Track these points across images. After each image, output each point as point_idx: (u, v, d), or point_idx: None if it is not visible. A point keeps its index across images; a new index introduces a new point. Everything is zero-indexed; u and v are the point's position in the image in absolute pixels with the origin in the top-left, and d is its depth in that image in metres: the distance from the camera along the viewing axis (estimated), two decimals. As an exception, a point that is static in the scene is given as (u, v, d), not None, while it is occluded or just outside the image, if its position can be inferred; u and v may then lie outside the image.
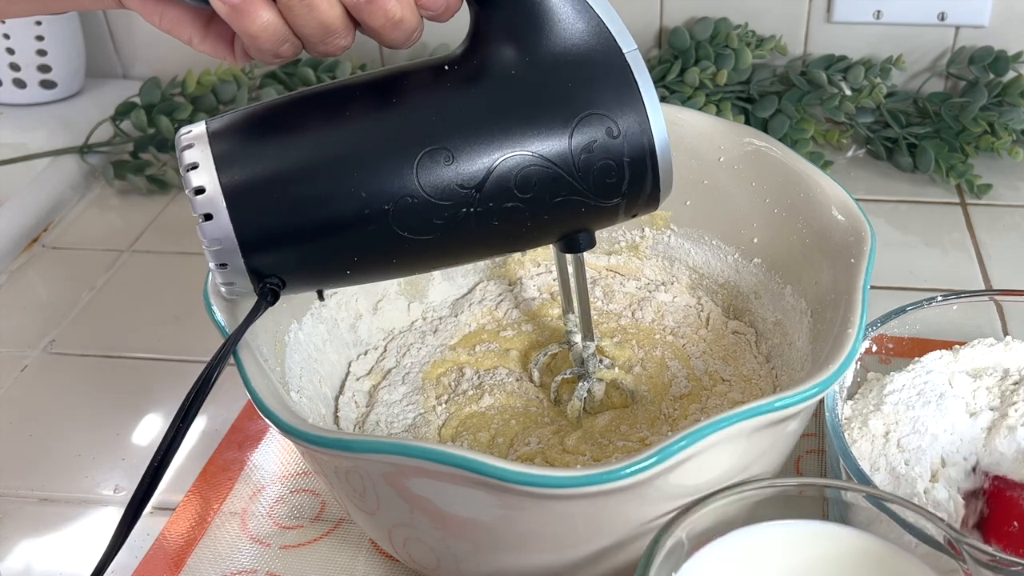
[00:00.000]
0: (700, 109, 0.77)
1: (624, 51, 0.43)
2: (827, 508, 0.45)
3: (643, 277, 0.62)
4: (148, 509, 0.57)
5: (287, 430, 0.42)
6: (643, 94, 0.43)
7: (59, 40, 0.95)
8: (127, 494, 0.58)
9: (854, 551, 0.41)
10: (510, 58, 0.43)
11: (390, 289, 0.61)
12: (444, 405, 0.55)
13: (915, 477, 0.47)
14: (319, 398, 0.54)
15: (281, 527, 0.55)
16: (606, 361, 0.56)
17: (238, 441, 0.60)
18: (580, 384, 0.54)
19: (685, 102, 0.82)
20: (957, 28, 0.86)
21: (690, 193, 0.59)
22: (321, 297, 0.50)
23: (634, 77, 0.43)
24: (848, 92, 0.83)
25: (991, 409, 0.50)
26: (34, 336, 0.71)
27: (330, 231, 0.42)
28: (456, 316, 0.61)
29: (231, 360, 0.44)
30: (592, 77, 0.43)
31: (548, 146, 0.42)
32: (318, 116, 0.43)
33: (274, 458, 0.59)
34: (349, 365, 0.58)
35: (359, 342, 0.59)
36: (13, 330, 0.72)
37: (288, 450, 0.59)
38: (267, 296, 0.44)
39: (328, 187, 0.42)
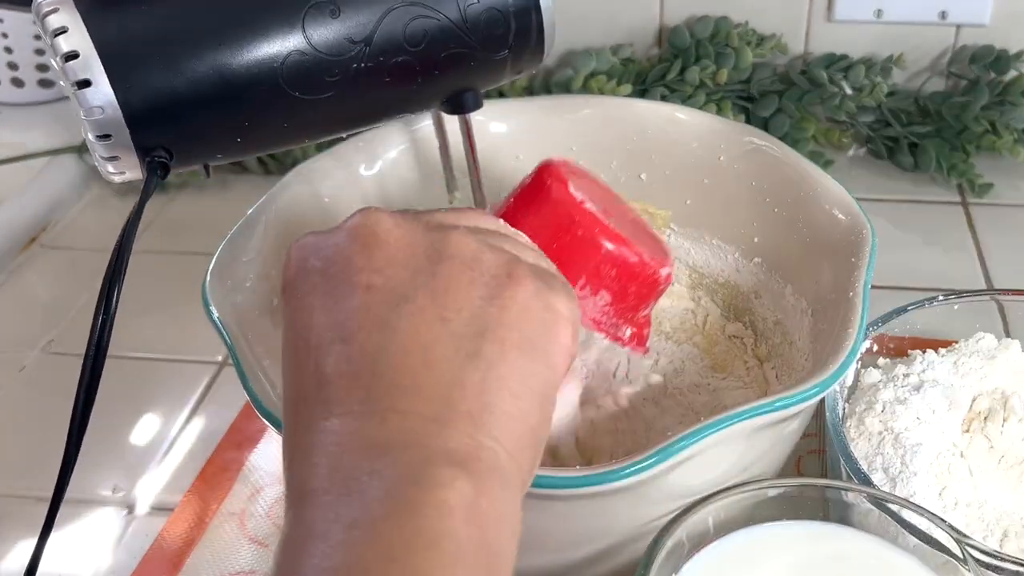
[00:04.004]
0: (700, 108, 0.77)
1: None
2: (828, 508, 0.45)
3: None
4: (146, 509, 0.57)
5: (285, 430, 0.41)
6: None
7: (58, 39, 0.95)
8: (126, 494, 0.58)
9: (854, 551, 0.41)
10: None
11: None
12: None
13: (910, 475, 0.47)
14: (318, 398, 0.53)
15: (280, 528, 0.54)
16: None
17: (237, 441, 0.60)
18: None
19: (685, 101, 0.82)
20: (958, 27, 0.85)
21: (690, 192, 0.59)
22: (207, 174, 0.47)
23: None
24: (849, 91, 0.83)
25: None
26: (33, 336, 0.71)
27: (219, 91, 0.41)
28: None
29: (229, 360, 0.44)
30: None
31: None
32: None
33: (273, 458, 0.59)
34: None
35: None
36: (12, 330, 0.72)
37: (287, 450, 0.59)
38: (156, 170, 0.42)
39: (214, 43, 0.41)
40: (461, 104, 0.47)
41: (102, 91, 0.40)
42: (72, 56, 0.40)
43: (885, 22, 0.86)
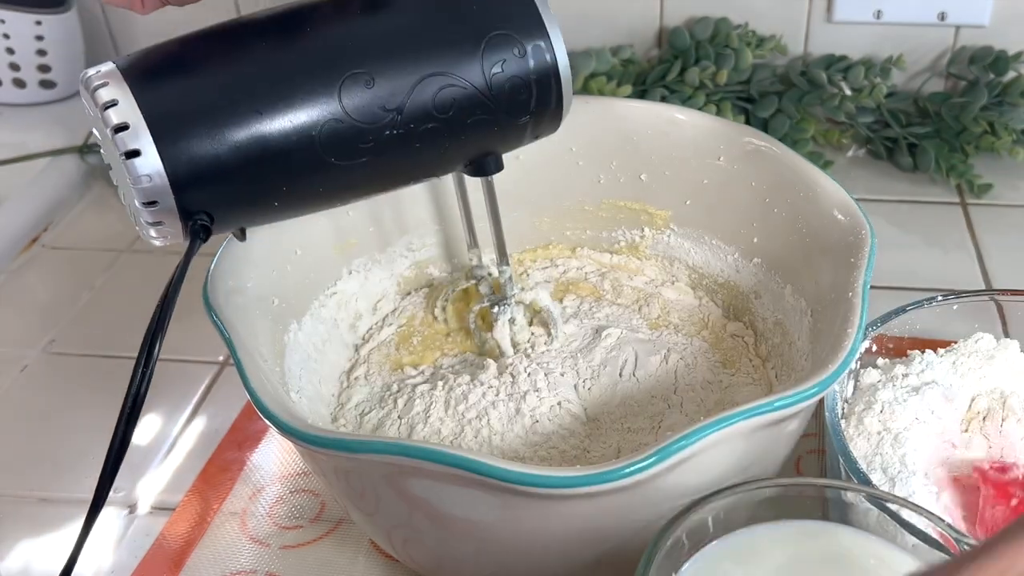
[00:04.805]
0: (700, 109, 0.77)
1: None
2: (827, 508, 0.45)
3: (644, 276, 0.62)
4: (147, 509, 0.57)
5: (286, 430, 0.41)
6: (542, 14, 0.46)
7: (59, 40, 0.95)
8: (127, 493, 0.58)
9: (853, 551, 0.41)
10: None
11: (390, 290, 0.61)
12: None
13: (909, 475, 0.47)
14: (318, 398, 0.54)
15: (281, 527, 0.55)
16: (518, 287, 0.57)
17: (238, 441, 0.60)
18: (499, 309, 0.56)
19: (685, 102, 0.82)
20: (957, 28, 0.86)
21: (690, 193, 0.59)
22: (243, 237, 0.49)
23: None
24: (848, 92, 0.83)
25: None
26: (34, 336, 0.71)
27: (259, 159, 0.42)
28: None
29: (230, 360, 0.44)
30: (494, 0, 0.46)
31: (461, 66, 0.45)
32: (235, 45, 0.44)
33: (274, 458, 0.59)
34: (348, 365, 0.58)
35: (358, 342, 0.59)
36: (12, 330, 0.72)
37: (288, 450, 0.59)
38: (199, 234, 0.43)
39: (255, 112, 0.42)
40: (483, 167, 0.49)
41: (150, 160, 0.41)
42: (122, 128, 0.41)
43: (884, 23, 0.86)
